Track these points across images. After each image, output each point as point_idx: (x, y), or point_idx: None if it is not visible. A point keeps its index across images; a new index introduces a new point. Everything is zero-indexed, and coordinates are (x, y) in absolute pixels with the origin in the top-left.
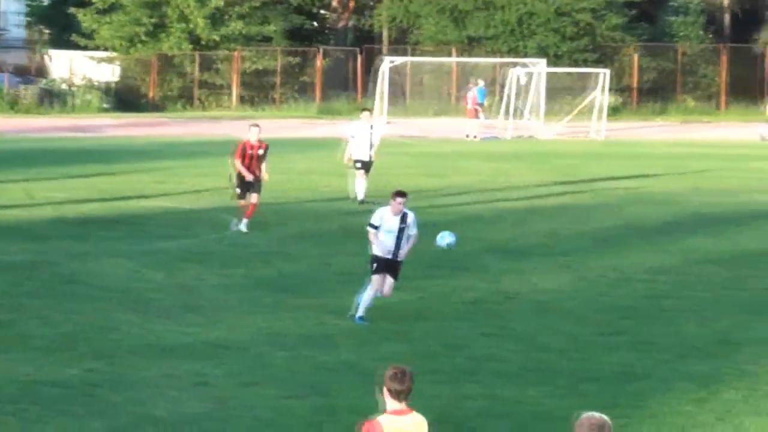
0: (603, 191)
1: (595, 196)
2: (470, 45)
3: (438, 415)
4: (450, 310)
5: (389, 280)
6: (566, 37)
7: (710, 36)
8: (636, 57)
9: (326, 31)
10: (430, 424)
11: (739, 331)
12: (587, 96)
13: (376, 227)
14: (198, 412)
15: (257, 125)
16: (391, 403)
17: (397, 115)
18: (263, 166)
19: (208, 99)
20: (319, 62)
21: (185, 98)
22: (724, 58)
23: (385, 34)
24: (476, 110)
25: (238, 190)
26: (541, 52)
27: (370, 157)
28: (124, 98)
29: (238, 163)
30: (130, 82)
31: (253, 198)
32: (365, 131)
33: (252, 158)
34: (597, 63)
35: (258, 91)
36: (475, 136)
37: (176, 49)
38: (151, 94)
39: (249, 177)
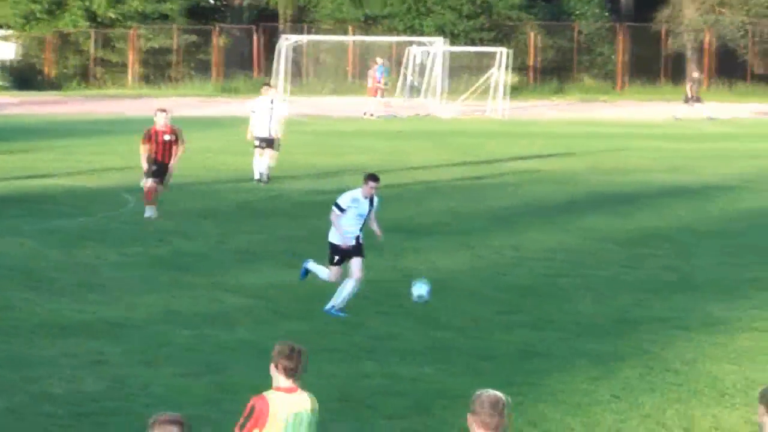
0: (501, 170)
1: (493, 175)
2: (368, 23)
3: (337, 393)
4: None
5: (356, 261)
6: (463, 16)
7: (608, 15)
8: (534, 35)
9: (224, 9)
10: (326, 402)
11: (636, 310)
12: (486, 75)
13: (342, 210)
14: (96, 390)
15: (164, 110)
16: (281, 380)
17: (295, 94)
18: (175, 152)
19: (105, 77)
20: (216, 40)
21: (82, 76)
22: (621, 37)
23: (282, 11)
24: (377, 89)
25: (147, 172)
26: (439, 30)
27: (271, 133)
28: (23, 76)
29: (143, 148)
30: (28, 60)
31: (160, 187)
32: (266, 106)
33: (159, 144)
34: (495, 42)
35: (155, 69)
36: (371, 114)
37: (73, 27)
38: (48, 72)
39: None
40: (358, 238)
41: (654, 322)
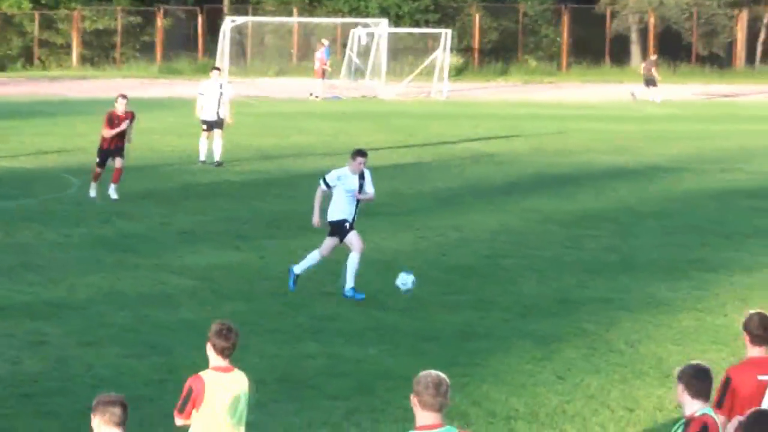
0: (445, 152)
1: (436, 156)
2: (312, 5)
3: (280, 374)
4: None
5: (352, 234)
6: None
7: None
8: (478, 17)
9: None
10: (269, 383)
11: (579, 290)
12: (430, 56)
13: (328, 186)
14: (38, 371)
15: (125, 96)
16: (215, 359)
17: (238, 75)
18: (129, 134)
19: (49, 59)
20: (159, 22)
21: (26, 58)
22: (565, 19)
23: None
24: (324, 70)
25: (98, 159)
26: (384, 12)
27: (218, 116)
28: None
29: (106, 132)
30: None
31: (118, 162)
32: (214, 89)
33: (118, 129)
34: (439, 23)
35: (99, 50)
36: (317, 96)
37: (16, 8)
38: None
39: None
40: (353, 214)
41: (597, 302)
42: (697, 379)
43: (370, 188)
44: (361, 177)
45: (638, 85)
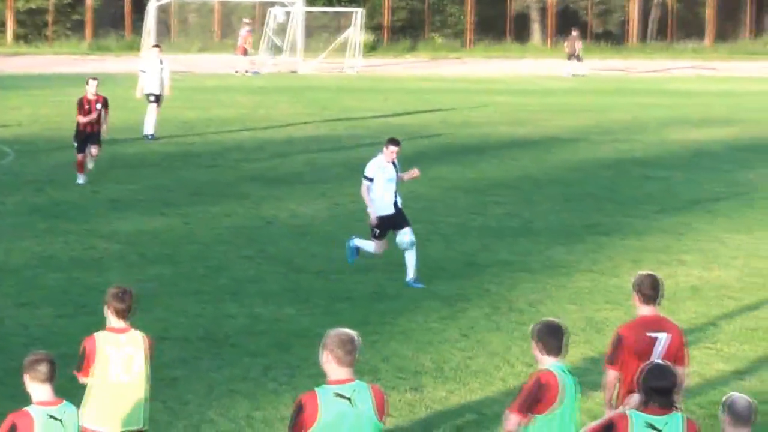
0: (357, 124)
1: (349, 128)
2: None
3: (202, 332)
4: (213, 235)
5: (404, 230)
6: None
7: None
8: None
9: None
10: (193, 341)
11: (483, 254)
12: (342, 34)
13: (371, 179)
14: None
15: (95, 78)
16: (112, 321)
17: (163, 52)
18: (103, 119)
19: None
20: (89, 1)
21: None
22: None
23: None
24: (245, 48)
25: (75, 144)
26: None
27: (161, 91)
28: None
29: (80, 119)
30: None
31: (93, 150)
32: (156, 66)
33: (91, 113)
34: (351, 3)
35: (32, 28)
36: (246, 71)
37: None
38: None
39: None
40: (396, 204)
41: (499, 265)
42: (549, 336)
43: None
44: (395, 165)
45: (565, 62)
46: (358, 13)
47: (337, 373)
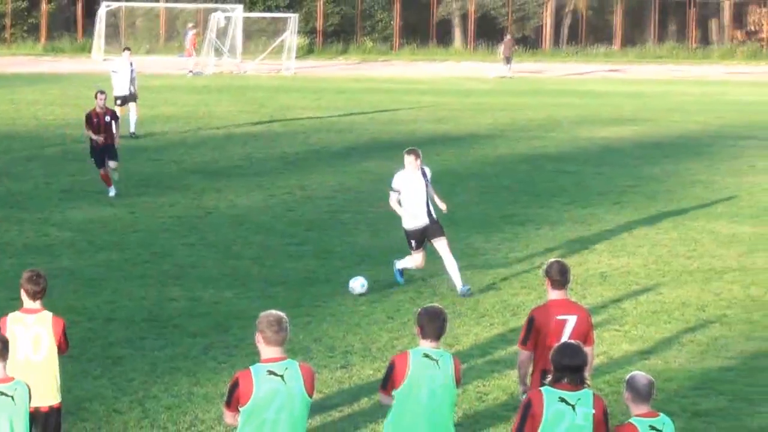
0: (292, 121)
1: (284, 125)
2: None
3: (146, 314)
4: (157, 223)
5: (441, 242)
6: None
7: None
8: (321, 3)
9: None
10: (138, 322)
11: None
12: (279, 37)
13: (396, 191)
14: None
15: (103, 92)
16: (26, 302)
17: (113, 54)
18: (115, 132)
19: None
20: (44, 6)
21: None
22: (397, 5)
23: None
24: (191, 50)
25: (93, 160)
26: None
27: (131, 91)
28: None
29: (90, 134)
30: None
31: (111, 164)
32: (126, 67)
33: (101, 127)
34: (287, 8)
35: None
36: (190, 72)
37: None
38: None
39: (100, 140)
40: (429, 214)
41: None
42: (429, 321)
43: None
44: (424, 175)
45: (500, 65)
46: (294, 18)
47: (269, 351)
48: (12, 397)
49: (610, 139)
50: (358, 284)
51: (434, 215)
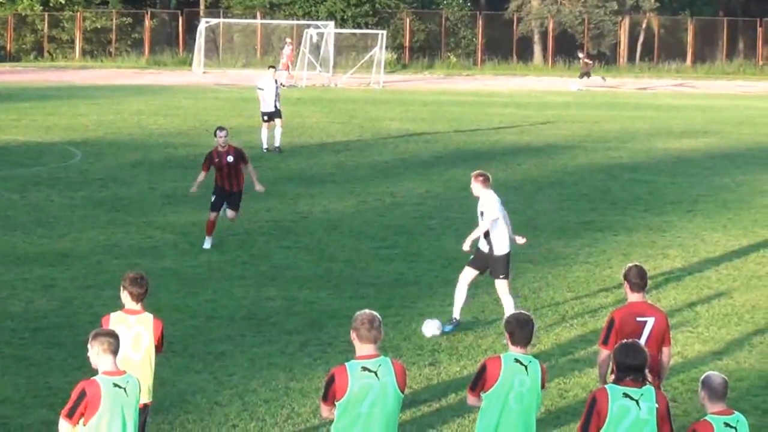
0: (381, 131)
1: (374, 135)
2: (272, 9)
3: (246, 313)
4: (255, 227)
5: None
6: (351, 4)
7: (469, 4)
8: (408, 21)
9: None
10: (237, 320)
11: None
12: (368, 53)
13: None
14: (48, 309)
15: (223, 128)
16: (128, 303)
17: (211, 67)
18: (247, 175)
19: (56, 52)
20: (147, 22)
21: (37, 51)
22: (480, 23)
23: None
24: (288, 64)
25: (213, 198)
26: (331, 15)
27: (276, 107)
28: None
29: (199, 177)
30: None
31: (229, 214)
32: (271, 85)
33: (222, 168)
34: (376, 26)
35: (98, 45)
36: (283, 85)
37: (29, 10)
38: (8, 48)
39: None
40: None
41: None
42: (519, 328)
43: (487, 216)
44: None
45: (581, 79)
46: (383, 35)
47: (363, 349)
48: (125, 389)
49: (682, 150)
50: (435, 326)
51: (493, 248)
